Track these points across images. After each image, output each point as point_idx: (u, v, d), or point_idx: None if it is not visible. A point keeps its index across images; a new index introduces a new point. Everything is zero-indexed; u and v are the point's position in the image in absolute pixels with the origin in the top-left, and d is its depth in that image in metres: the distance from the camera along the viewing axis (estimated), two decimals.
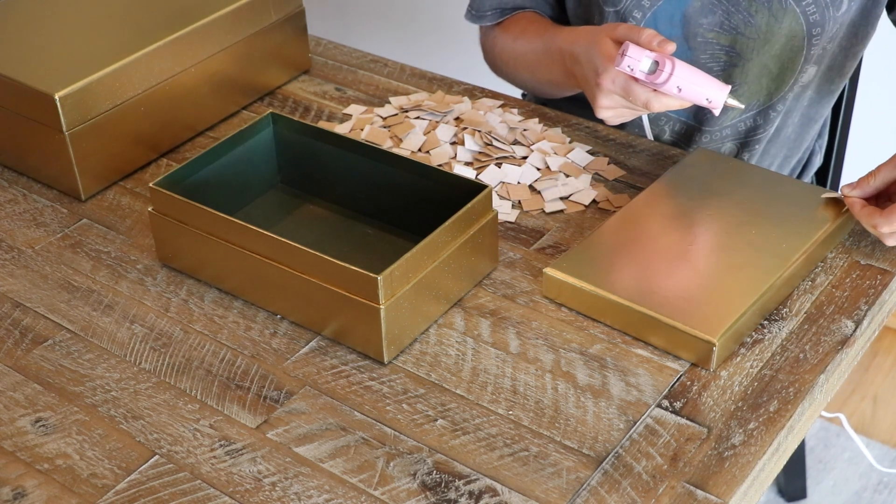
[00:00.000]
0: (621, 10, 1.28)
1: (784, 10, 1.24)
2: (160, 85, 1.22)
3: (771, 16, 1.25)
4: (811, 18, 1.25)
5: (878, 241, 1.10)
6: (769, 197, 1.12)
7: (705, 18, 1.26)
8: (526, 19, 1.35)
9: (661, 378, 0.96)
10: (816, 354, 0.98)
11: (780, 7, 1.24)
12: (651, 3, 1.27)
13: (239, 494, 0.88)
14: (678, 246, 1.06)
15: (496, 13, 1.37)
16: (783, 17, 1.25)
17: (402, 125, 1.25)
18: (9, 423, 0.95)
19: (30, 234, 1.16)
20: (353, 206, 1.15)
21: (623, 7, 1.28)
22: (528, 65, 1.31)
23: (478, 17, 1.38)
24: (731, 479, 0.87)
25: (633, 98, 1.07)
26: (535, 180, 1.18)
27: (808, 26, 1.25)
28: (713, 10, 1.26)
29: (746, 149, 1.36)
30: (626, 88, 1.07)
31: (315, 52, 1.45)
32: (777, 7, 1.24)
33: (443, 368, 0.98)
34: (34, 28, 1.26)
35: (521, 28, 1.34)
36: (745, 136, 1.35)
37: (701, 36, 1.28)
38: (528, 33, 1.32)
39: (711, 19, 1.26)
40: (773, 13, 1.24)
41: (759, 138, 1.36)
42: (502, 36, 1.36)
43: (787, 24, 1.25)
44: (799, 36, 1.26)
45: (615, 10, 1.28)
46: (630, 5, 1.27)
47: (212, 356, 1.00)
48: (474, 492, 0.87)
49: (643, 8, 1.27)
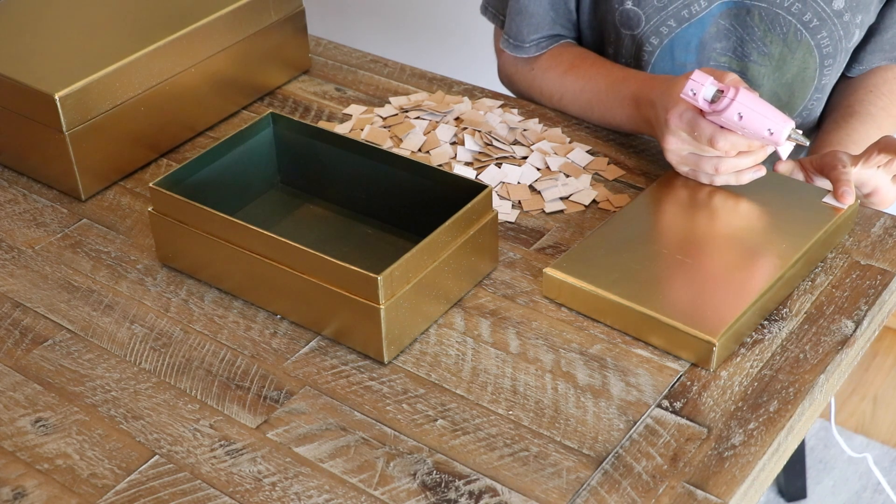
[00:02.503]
0: (638, 35, 1.27)
1: (798, 42, 1.24)
2: (160, 85, 1.22)
3: (785, 46, 1.24)
4: (825, 51, 1.25)
5: (878, 242, 1.10)
6: (769, 197, 1.12)
7: (719, 43, 1.26)
8: (570, 53, 1.32)
9: (661, 378, 0.96)
10: (816, 354, 0.98)
11: (795, 39, 1.24)
12: (669, 29, 1.25)
13: (239, 494, 0.88)
14: (678, 246, 1.06)
15: (536, 44, 1.33)
16: (797, 48, 1.24)
17: (402, 125, 1.25)
18: (9, 423, 0.95)
19: (30, 234, 1.16)
20: (353, 206, 1.15)
21: (641, 31, 1.26)
22: (582, 103, 1.28)
23: (517, 48, 1.34)
24: (731, 479, 0.87)
25: (699, 133, 1.05)
26: (535, 180, 1.18)
27: (821, 58, 1.25)
28: (728, 36, 1.25)
29: None
30: (692, 124, 1.05)
31: (315, 52, 1.45)
32: (792, 39, 1.24)
33: (443, 368, 0.98)
34: (34, 28, 1.26)
35: (568, 63, 1.31)
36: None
37: (713, 60, 1.27)
38: (579, 69, 1.29)
39: (725, 44, 1.26)
40: (787, 44, 1.24)
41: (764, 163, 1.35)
42: (547, 71, 1.32)
43: (801, 55, 1.25)
44: (811, 67, 1.26)
45: (632, 33, 1.27)
46: (648, 31, 1.26)
47: (212, 356, 1.00)
48: (474, 492, 0.87)
49: (661, 34, 1.26)
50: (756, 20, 1.24)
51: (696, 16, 1.24)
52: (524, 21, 1.32)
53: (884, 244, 1.10)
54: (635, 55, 1.30)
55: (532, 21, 1.32)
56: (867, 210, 1.14)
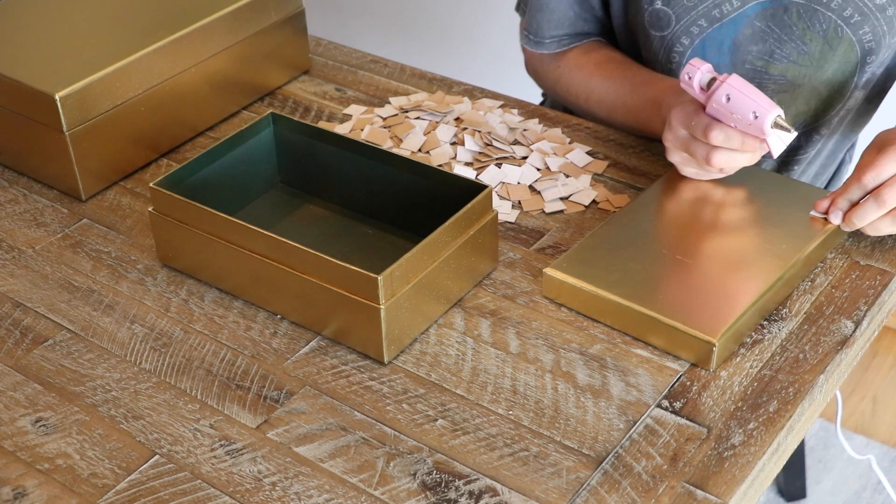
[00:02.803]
0: (668, 36, 1.24)
1: (840, 39, 1.21)
2: (160, 85, 1.22)
3: (826, 44, 1.22)
4: (867, 46, 1.22)
5: (877, 242, 1.10)
6: (769, 197, 1.12)
7: (755, 46, 1.23)
8: (599, 54, 1.30)
9: (661, 378, 0.96)
10: (816, 355, 0.98)
11: (836, 36, 1.21)
12: (700, 29, 1.23)
13: (239, 494, 0.88)
14: (678, 246, 1.06)
15: (557, 41, 1.31)
16: (838, 45, 1.22)
17: (402, 125, 1.25)
18: (9, 422, 0.95)
19: (30, 234, 1.16)
20: (353, 206, 1.15)
21: (670, 32, 1.24)
22: (607, 105, 1.26)
23: (537, 44, 1.32)
24: (730, 479, 0.87)
25: (695, 123, 1.04)
26: (535, 180, 1.18)
27: (862, 53, 1.22)
28: (764, 39, 1.22)
29: (786, 168, 1.35)
30: (691, 115, 1.05)
31: (315, 52, 1.45)
32: (833, 36, 1.21)
33: (443, 368, 0.98)
34: (34, 28, 1.26)
35: (595, 63, 1.29)
36: (786, 156, 1.33)
37: (749, 63, 1.24)
38: (606, 71, 1.27)
39: (762, 47, 1.23)
40: (828, 41, 1.21)
41: (799, 159, 1.34)
42: (574, 70, 1.30)
43: (842, 51, 1.22)
44: (852, 62, 1.23)
45: (661, 34, 1.24)
46: (678, 31, 1.23)
47: (212, 356, 1.00)
48: (474, 492, 0.87)
49: (691, 35, 1.23)
50: (794, 18, 1.21)
51: (727, 15, 1.21)
52: (544, 17, 1.30)
53: (883, 244, 1.10)
54: (666, 58, 1.27)
55: (552, 17, 1.30)
56: None
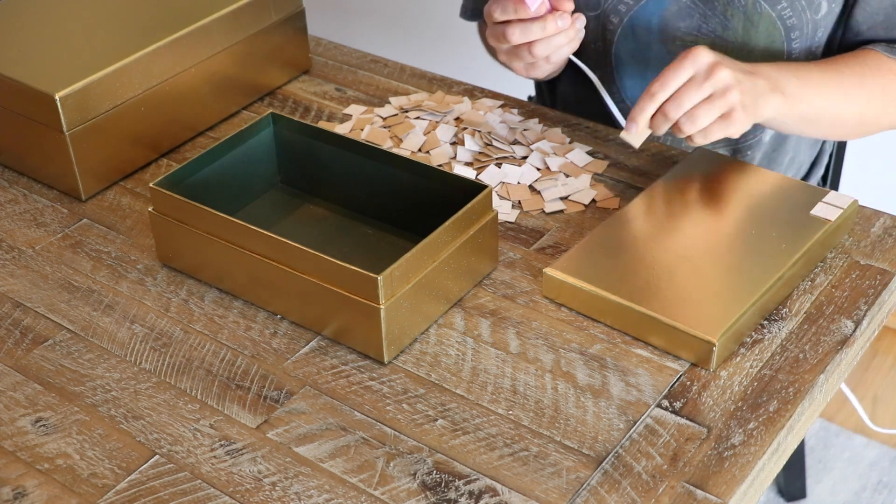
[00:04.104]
0: (601, 15, 1.29)
1: (760, 15, 1.23)
2: (160, 85, 1.22)
3: (747, 20, 1.24)
4: (788, 22, 1.24)
5: (877, 241, 1.10)
6: (769, 197, 1.12)
7: (682, 22, 1.26)
8: None
9: (661, 378, 0.96)
10: (816, 354, 0.98)
11: (756, 11, 1.23)
12: (627, 7, 1.27)
13: (239, 494, 0.88)
14: (678, 246, 1.06)
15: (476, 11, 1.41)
16: (759, 21, 1.24)
17: (402, 125, 1.25)
18: (9, 423, 0.95)
19: (30, 234, 1.16)
20: (353, 206, 1.15)
21: (602, 11, 1.28)
22: None
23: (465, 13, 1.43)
24: (730, 479, 0.87)
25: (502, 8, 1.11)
26: (534, 180, 1.18)
27: (785, 30, 1.24)
28: (690, 15, 1.25)
29: (739, 155, 1.36)
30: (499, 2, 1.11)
31: (315, 52, 1.45)
32: (752, 11, 1.23)
33: (443, 368, 0.98)
34: (34, 28, 1.26)
35: None
36: (735, 142, 1.34)
37: (679, 40, 1.27)
38: None
39: (689, 23, 1.26)
40: (748, 17, 1.24)
41: (750, 144, 1.35)
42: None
43: (765, 28, 1.24)
44: (778, 41, 1.25)
45: (595, 14, 1.29)
46: (608, 8, 1.28)
47: (212, 356, 1.00)
48: (474, 492, 0.87)
49: (619, 13, 1.27)
50: None
51: None
52: None
53: (883, 244, 1.10)
54: (602, 37, 1.31)
55: None
56: (867, 210, 1.14)
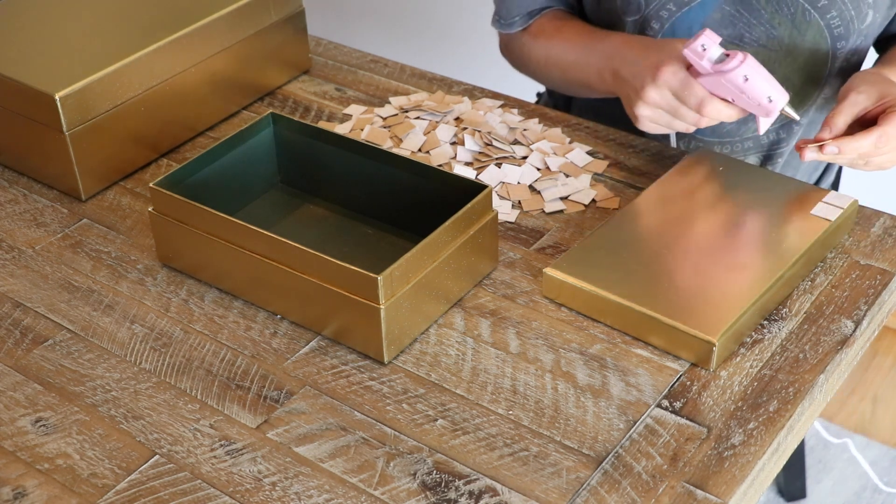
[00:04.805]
0: (639, 21, 1.26)
1: (808, 23, 1.22)
2: (160, 85, 1.22)
3: (794, 28, 1.22)
4: (835, 31, 1.23)
5: (877, 241, 1.10)
6: (769, 197, 1.12)
7: (725, 30, 1.24)
8: (557, 19, 1.33)
9: (661, 378, 0.96)
10: (816, 354, 0.98)
11: (804, 20, 1.22)
12: (670, 14, 1.24)
13: (239, 494, 0.88)
14: (678, 246, 1.06)
15: (524, 18, 1.34)
16: (806, 29, 1.22)
17: (402, 125, 1.25)
18: (9, 423, 0.95)
19: (30, 234, 1.16)
20: (353, 206, 1.15)
21: (642, 17, 1.25)
22: (563, 65, 1.29)
23: (507, 25, 1.35)
24: (730, 479, 0.87)
25: (689, 93, 1.05)
26: (534, 180, 1.18)
27: (832, 39, 1.23)
28: (733, 23, 1.23)
29: (769, 162, 1.35)
30: (685, 83, 1.05)
31: (315, 52, 1.45)
32: (800, 20, 1.22)
33: (443, 368, 0.98)
34: (34, 28, 1.26)
35: (554, 28, 1.32)
36: (768, 149, 1.34)
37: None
38: (564, 32, 1.30)
39: (731, 31, 1.24)
40: (796, 26, 1.22)
41: (781, 151, 1.34)
42: (537, 41, 1.33)
43: (811, 36, 1.23)
44: (823, 49, 1.24)
45: (633, 19, 1.26)
46: (649, 15, 1.25)
47: (212, 356, 1.00)
48: (474, 492, 0.87)
49: (661, 19, 1.25)
50: (762, 2, 1.22)
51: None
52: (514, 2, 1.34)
53: (883, 244, 1.10)
54: None
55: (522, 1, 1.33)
56: (867, 210, 1.14)
